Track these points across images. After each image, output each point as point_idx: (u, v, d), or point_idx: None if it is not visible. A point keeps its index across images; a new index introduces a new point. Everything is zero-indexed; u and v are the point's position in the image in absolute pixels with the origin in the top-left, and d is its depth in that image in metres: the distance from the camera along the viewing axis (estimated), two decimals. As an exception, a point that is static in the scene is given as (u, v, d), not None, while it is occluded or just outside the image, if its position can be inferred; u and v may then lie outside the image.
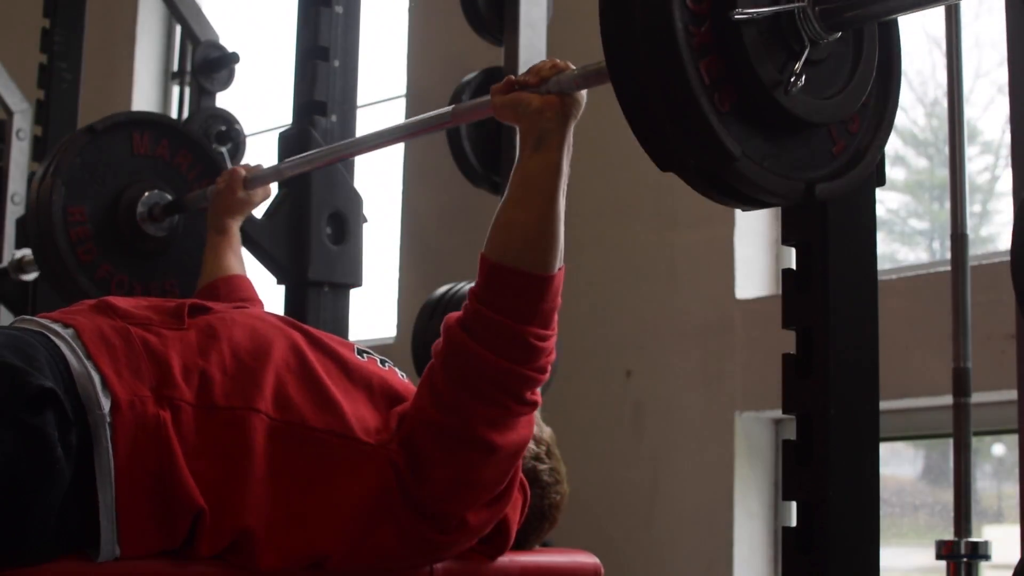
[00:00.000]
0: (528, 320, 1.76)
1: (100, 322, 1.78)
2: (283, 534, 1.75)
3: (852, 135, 1.67)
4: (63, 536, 1.65)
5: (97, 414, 1.66)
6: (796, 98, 1.54)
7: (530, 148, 1.81)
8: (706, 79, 1.48)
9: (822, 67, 1.58)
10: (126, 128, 2.87)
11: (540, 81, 1.83)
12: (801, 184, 1.59)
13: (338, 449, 1.78)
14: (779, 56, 1.53)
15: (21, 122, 4.59)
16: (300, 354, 1.86)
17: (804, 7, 1.54)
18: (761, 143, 1.54)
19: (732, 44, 1.50)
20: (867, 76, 1.65)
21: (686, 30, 1.47)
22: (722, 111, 1.49)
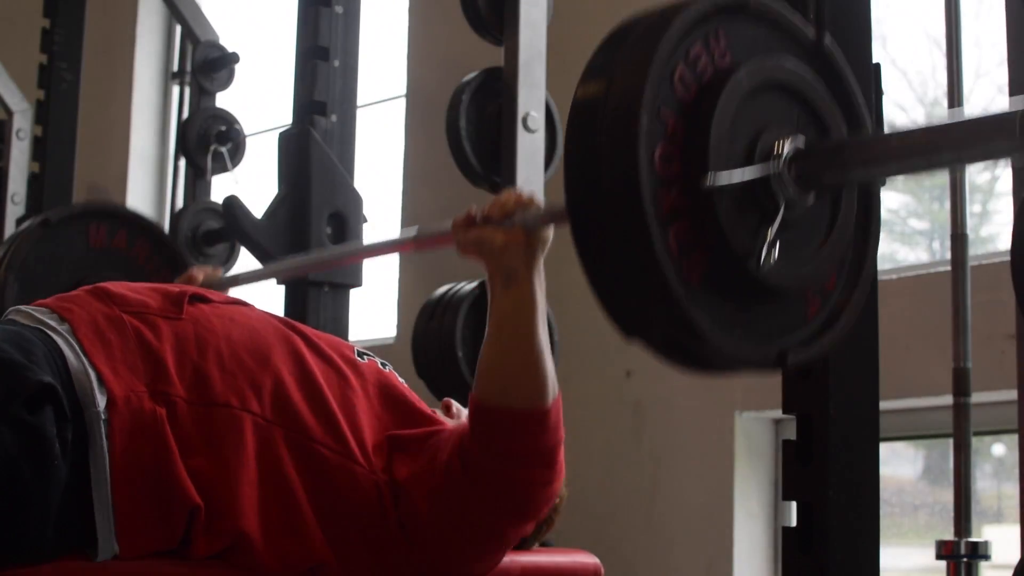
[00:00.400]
0: (529, 462, 1.75)
1: (95, 313, 1.76)
2: (280, 539, 1.74)
3: (828, 293, 1.56)
4: (61, 535, 1.65)
5: (93, 411, 1.65)
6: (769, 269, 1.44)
7: (500, 287, 1.76)
8: (674, 248, 1.37)
9: (796, 228, 1.47)
10: (82, 220, 2.84)
11: (504, 216, 1.75)
12: (773, 352, 1.48)
13: (330, 463, 1.78)
14: (751, 220, 1.42)
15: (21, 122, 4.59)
16: (300, 359, 1.85)
17: (780, 171, 1.43)
18: (732, 312, 1.44)
19: (703, 211, 1.39)
20: (845, 235, 1.54)
21: (654, 195, 1.36)
22: (690, 283, 1.39)
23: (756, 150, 1.44)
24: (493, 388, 1.74)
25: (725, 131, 1.40)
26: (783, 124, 1.47)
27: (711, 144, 1.39)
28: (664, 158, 1.38)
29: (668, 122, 1.39)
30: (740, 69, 1.43)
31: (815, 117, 1.50)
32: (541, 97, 2.98)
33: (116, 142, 5.80)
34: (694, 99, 1.41)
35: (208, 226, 4.41)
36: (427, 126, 4.28)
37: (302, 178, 3.08)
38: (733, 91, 1.41)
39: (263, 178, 4.04)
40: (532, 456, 1.75)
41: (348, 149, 3.34)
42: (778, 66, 1.48)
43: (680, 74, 1.41)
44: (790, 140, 1.45)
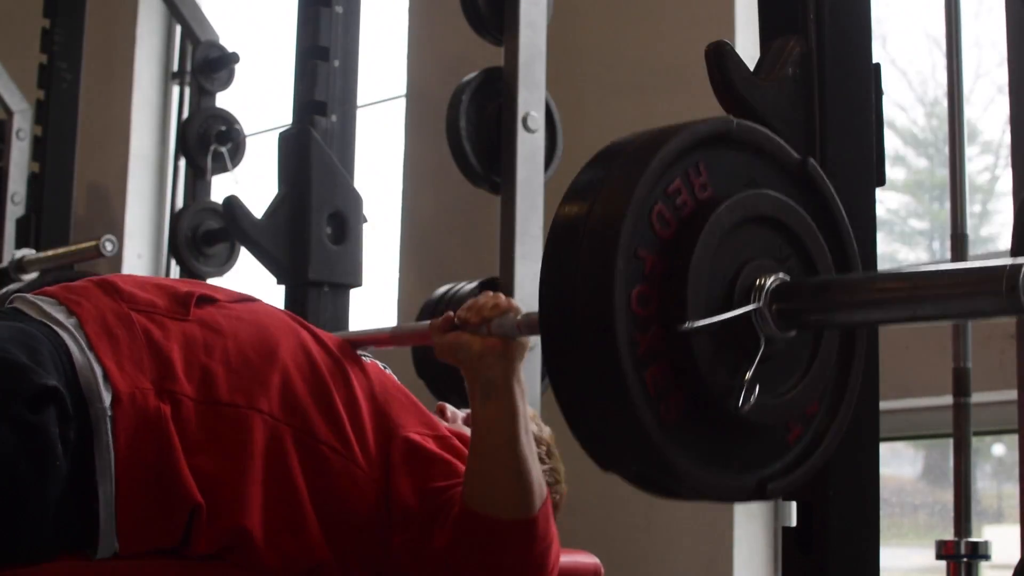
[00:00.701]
0: (516, 573, 1.75)
1: (103, 307, 1.76)
2: (282, 537, 1.74)
3: (809, 419, 1.53)
4: (61, 534, 1.65)
5: (98, 407, 1.65)
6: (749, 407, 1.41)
7: (479, 399, 1.75)
8: (651, 390, 1.35)
9: (777, 362, 1.44)
10: None
11: (481, 321, 1.73)
12: (752, 483, 1.46)
13: (334, 463, 1.78)
14: (731, 356, 1.40)
15: (21, 122, 4.59)
16: (308, 352, 1.84)
17: (761, 308, 1.40)
18: (710, 448, 1.42)
19: (681, 352, 1.36)
20: (826, 366, 1.51)
21: (630, 339, 1.33)
22: (667, 423, 1.36)
23: (737, 286, 1.41)
24: (477, 496, 1.73)
25: (704, 270, 1.38)
26: (766, 257, 1.44)
27: (689, 285, 1.37)
28: (641, 299, 1.35)
29: (646, 261, 1.36)
30: (721, 204, 1.40)
31: (799, 247, 1.47)
32: (541, 97, 2.98)
33: (116, 142, 5.80)
34: (673, 236, 1.38)
35: (208, 226, 4.41)
36: (427, 126, 4.28)
37: (302, 178, 3.08)
38: (713, 228, 1.38)
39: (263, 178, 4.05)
40: (521, 565, 1.74)
41: (348, 149, 3.35)
42: (760, 198, 1.45)
43: (659, 211, 1.38)
44: (772, 276, 1.42)
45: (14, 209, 4.48)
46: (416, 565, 1.79)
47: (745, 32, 3.65)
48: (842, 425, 1.56)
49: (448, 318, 1.78)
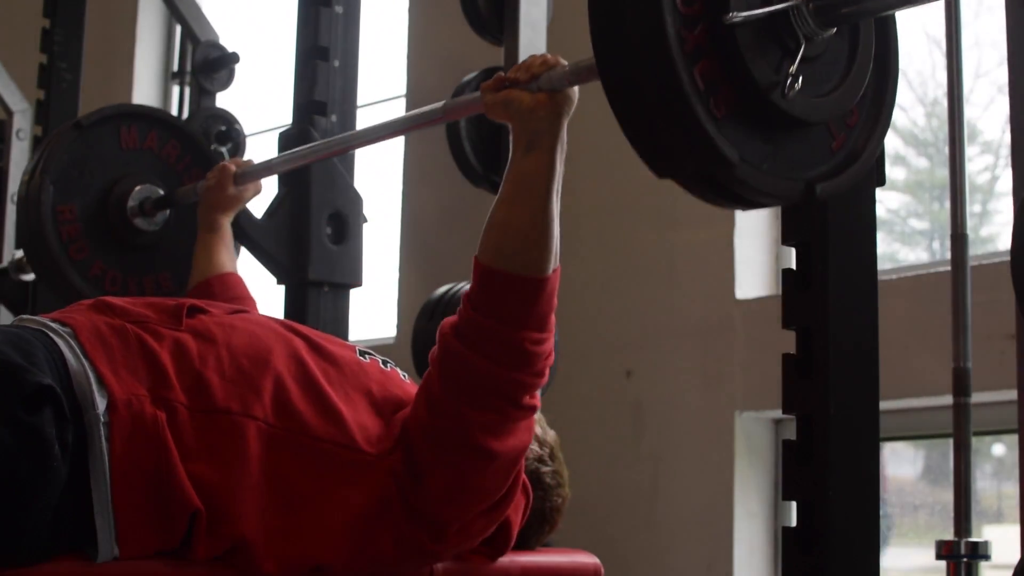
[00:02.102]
0: (523, 325, 1.74)
1: (97, 320, 1.78)
2: (281, 543, 1.74)
3: (850, 129, 1.63)
4: (60, 536, 1.65)
5: (93, 413, 1.66)
6: (794, 99, 1.50)
7: (523, 148, 1.78)
8: (700, 84, 1.43)
9: (817, 63, 1.54)
10: (113, 122, 2.85)
11: (531, 78, 1.79)
12: (801, 184, 1.55)
13: (339, 459, 1.78)
14: (774, 55, 1.49)
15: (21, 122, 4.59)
16: (300, 361, 1.85)
17: (798, 4, 1.50)
18: (759, 145, 1.50)
19: (726, 47, 1.45)
20: (864, 69, 1.61)
21: (678, 35, 1.41)
22: (718, 116, 1.44)
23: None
24: (499, 250, 1.75)
25: None
26: None
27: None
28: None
29: None
30: None
31: None
32: (541, 97, 2.98)
33: (116, 142, 5.79)
34: None
35: (208, 226, 4.40)
36: (427, 126, 4.27)
37: (302, 178, 3.07)
38: None
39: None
40: (526, 319, 1.75)
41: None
42: None
43: None
44: None
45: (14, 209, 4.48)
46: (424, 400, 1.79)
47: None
48: (882, 132, 1.65)
49: (500, 77, 1.83)
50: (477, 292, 1.76)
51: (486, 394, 1.76)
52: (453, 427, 1.77)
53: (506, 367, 1.75)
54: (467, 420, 1.76)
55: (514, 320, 1.74)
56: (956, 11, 2.53)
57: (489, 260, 1.76)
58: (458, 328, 1.77)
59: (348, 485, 1.78)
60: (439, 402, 1.77)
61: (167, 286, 2.85)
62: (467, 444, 1.77)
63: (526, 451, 1.87)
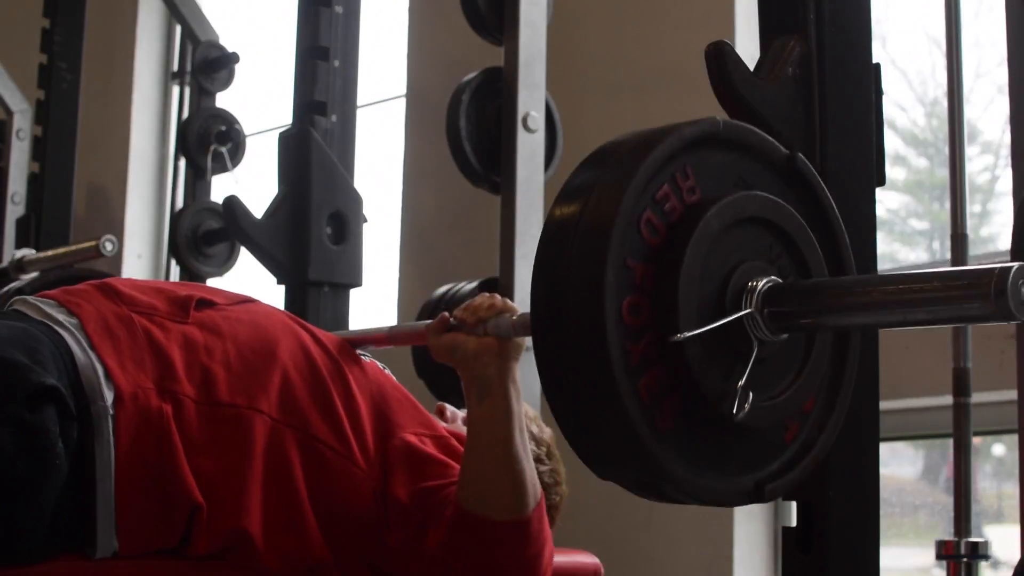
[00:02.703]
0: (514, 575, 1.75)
1: (104, 309, 1.77)
2: (283, 538, 1.75)
3: (805, 416, 1.52)
4: (60, 533, 1.64)
5: (100, 405, 1.65)
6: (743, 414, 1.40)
7: (474, 398, 1.75)
8: (645, 399, 1.34)
9: (770, 364, 1.43)
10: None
11: (477, 322, 1.74)
12: (750, 485, 1.46)
13: (332, 463, 1.79)
14: (724, 360, 1.39)
15: (21, 122, 4.60)
16: (307, 352, 1.85)
17: (752, 312, 1.39)
18: (707, 451, 1.41)
19: (674, 358, 1.35)
20: (820, 365, 1.50)
21: (622, 349, 1.32)
22: (662, 431, 1.36)
23: (729, 289, 1.40)
24: (471, 496, 1.73)
25: (695, 276, 1.36)
26: (757, 258, 1.43)
27: (680, 293, 1.35)
28: (632, 309, 1.34)
29: (636, 271, 1.35)
30: (709, 208, 1.38)
31: (790, 246, 1.46)
32: (541, 97, 2.98)
33: (116, 142, 5.80)
34: (663, 243, 1.37)
35: (208, 226, 4.41)
36: (427, 126, 4.28)
37: (302, 178, 3.08)
38: (702, 233, 1.38)
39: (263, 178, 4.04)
40: (514, 566, 1.74)
41: (348, 149, 3.34)
42: (749, 199, 1.43)
43: (647, 219, 1.36)
44: (764, 279, 1.41)
45: (14, 209, 4.48)
46: (411, 565, 1.79)
47: (745, 32, 3.65)
48: (838, 421, 1.54)
49: (444, 319, 1.78)
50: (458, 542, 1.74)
51: None
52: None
53: None
54: None
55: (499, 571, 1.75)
56: (956, 11, 2.54)
57: (465, 505, 1.74)
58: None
59: (342, 490, 1.79)
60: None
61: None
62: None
63: None
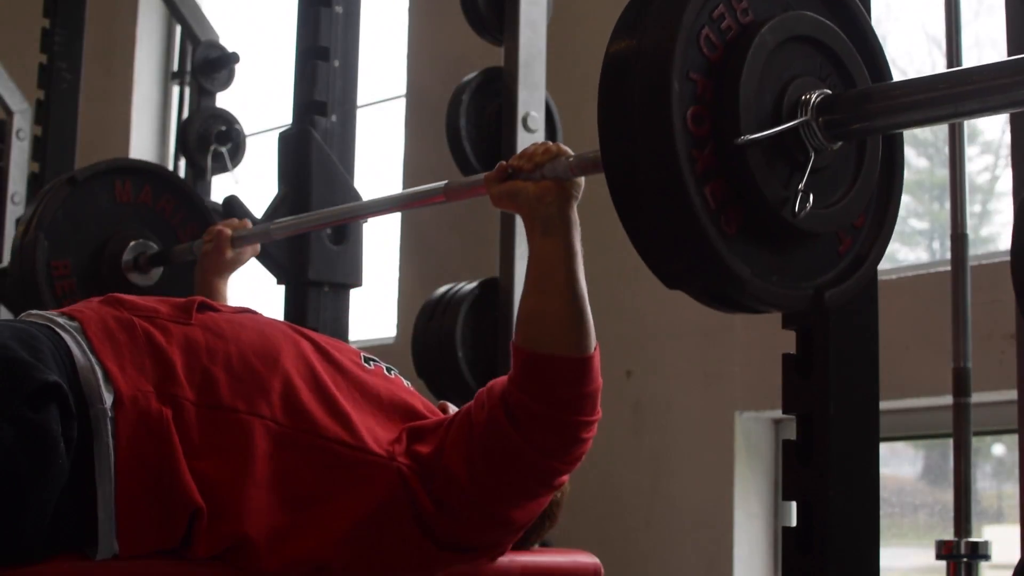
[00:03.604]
0: (575, 409, 1.76)
1: (105, 315, 1.77)
2: (285, 541, 1.74)
3: (857, 231, 1.62)
4: (61, 533, 1.64)
5: (99, 408, 1.65)
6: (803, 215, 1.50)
7: (538, 235, 1.78)
8: (712, 204, 1.43)
9: (825, 174, 1.53)
10: (107, 176, 2.85)
11: (534, 167, 1.78)
12: (809, 291, 1.55)
13: (346, 459, 1.78)
14: (782, 170, 1.49)
15: (21, 122, 4.59)
16: (308, 363, 1.85)
17: (808, 120, 1.49)
18: (768, 258, 1.50)
19: (736, 166, 1.45)
20: (871, 177, 1.60)
21: (689, 155, 1.41)
22: (729, 234, 1.45)
23: (784, 102, 1.49)
24: (539, 336, 1.75)
25: (753, 88, 1.46)
26: (808, 75, 1.52)
27: (740, 102, 1.44)
28: (696, 119, 1.43)
29: (698, 83, 1.44)
30: (763, 26, 1.47)
31: (838, 65, 1.56)
32: (541, 97, 2.98)
33: (116, 142, 5.80)
34: (721, 58, 1.46)
35: (208, 226, 4.40)
36: (427, 126, 4.28)
37: (302, 178, 3.08)
38: (759, 49, 1.47)
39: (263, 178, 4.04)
40: (578, 400, 1.76)
41: (348, 149, 3.34)
42: (799, 18, 1.53)
43: (706, 35, 1.45)
44: (816, 92, 1.50)
45: (14, 209, 4.48)
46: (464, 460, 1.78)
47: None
48: (887, 235, 1.65)
49: (502, 167, 1.82)
50: (525, 379, 1.75)
51: (528, 481, 1.80)
52: (486, 498, 1.79)
53: (553, 458, 1.78)
54: (501, 498, 1.80)
55: (567, 404, 1.76)
56: (956, 11, 2.54)
57: (532, 346, 1.75)
58: (512, 413, 1.76)
59: (355, 486, 1.78)
60: (479, 474, 1.78)
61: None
62: (494, 513, 1.81)
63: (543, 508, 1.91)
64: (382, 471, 1.78)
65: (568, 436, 1.76)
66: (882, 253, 1.64)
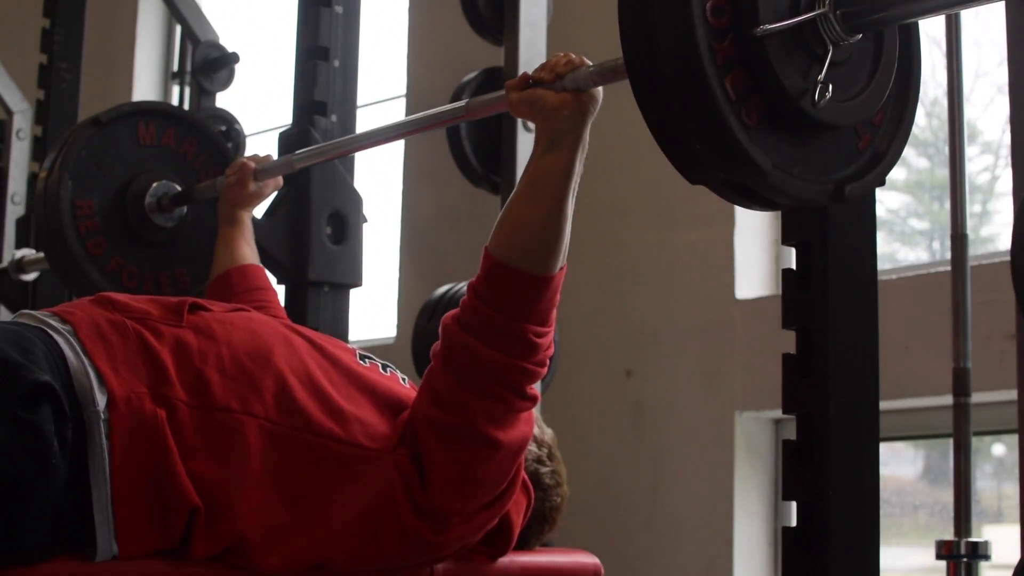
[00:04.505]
0: (526, 318, 1.76)
1: (98, 316, 1.78)
2: (283, 539, 1.74)
3: (876, 128, 1.65)
4: (60, 535, 1.65)
5: (92, 411, 1.66)
6: (823, 105, 1.52)
7: (544, 146, 1.79)
8: (732, 95, 1.46)
9: (844, 68, 1.56)
10: (132, 118, 2.85)
11: (555, 78, 1.79)
12: (831, 186, 1.58)
13: (342, 455, 1.78)
14: (802, 62, 1.51)
15: (21, 122, 4.59)
16: (302, 360, 1.85)
17: (826, 12, 1.52)
18: (789, 151, 1.53)
19: (756, 57, 1.48)
20: (889, 71, 1.63)
21: (709, 47, 1.44)
22: (750, 125, 1.47)
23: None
24: (514, 246, 1.76)
25: None
26: None
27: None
28: (716, 10, 1.46)
29: None
30: None
31: None
32: (541, 97, 2.98)
33: (116, 142, 5.79)
34: None
35: (208, 226, 4.40)
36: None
37: (302, 178, 3.07)
38: None
39: (263, 178, 4.03)
40: (529, 313, 1.77)
41: (348, 149, 3.34)
42: None
43: None
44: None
45: (14, 209, 4.48)
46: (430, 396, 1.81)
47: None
48: (905, 132, 1.68)
49: (524, 76, 1.83)
50: (484, 283, 1.77)
51: (490, 382, 1.77)
52: (458, 417, 1.78)
53: (509, 355, 1.76)
54: (472, 410, 1.78)
55: (518, 313, 1.76)
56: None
57: (500, 255, 1.76)
58: (462, 318, 1.78)
59: (351, 482, 1.78)
60: (444, 392, 1.79)
61: (184, 282, 2.85)
62: (472, 434, 1.78)
63: (528, 443, 1.88)
64: (376, 466, 1.79)
65: (520, 339, 1.76)
66: (901, 149, 1.67)
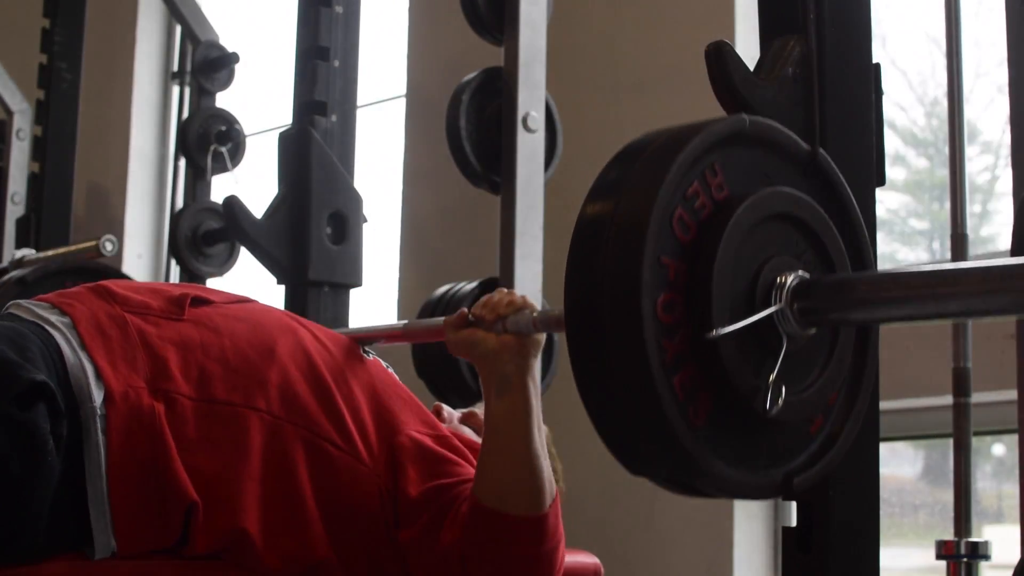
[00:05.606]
0: (528, 569, 1.75)
1: (97, 309, 1.76)
2: (283, 537, 1.74)
3: (829, 409, 1.55)
4: (56, 533, 1.64)
5: (89, 407, 1.65)
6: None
7: (493, 394, 1.76)
8: (680, 395, 1.37)
9: (798, 358, 1.47)
10: (58, 277, 2.86)
11: (496, 319, 1.75)
12: (779, 478, 1.48)
13: (336, 460, 1.78)
14: (755, 356, 1.42)
15: (21, 122, 4.60)
16: (306, 352, 1.84)
17: (783, 308, 1.43)
18: (736, 445, 1.43)
19: (707, 356, 1.38)
20: (843, 359, 1.54)
21: (658, 346, 1.34)
22: (696, 425, 1.38)
23: (758, 284, 1.43)
24: (489, 492, 1.73)
25: (727, 272, 1.39)
26: (784, 253, 1.46)
27: (714, 290, 1.38)
28: (667, 306, 1.37)
29: (670, 268, 1.37)
30: (739, 205, 1.41)
31: (815, 241, 1.49)
32: (541, 97, 2.98)
33: (116, 142, 5.80)
34: (694, 240, 1.40)
35: (208, 226, 4.41)
36: (427, 126, 4.28)
37: (302, 178, 3.08)
38: (733, 230, 1.40)
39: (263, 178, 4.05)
40: (532, 560, 1.74)
41: (348, 149, 3.34)
42: (776, 195, 1.46)
43: (679, 216, 1.39)
44: (792, 274, 1.44)
45: (14, 209, 4.48)
46: (423, 562, 1.79)
47: (745, 32, 3.65)
48: (861, 411, 1.57)
49: (463, 315, 1.78)
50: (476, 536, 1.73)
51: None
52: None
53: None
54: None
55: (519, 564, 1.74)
56: (956, 11, 2.54)
57: (483, 501, 1.74)
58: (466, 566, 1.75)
59: (348, 483, 1.78)
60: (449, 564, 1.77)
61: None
62: None
63: None
64: (368, 478, 1.80)
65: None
66: (856, 429, 1.56)
